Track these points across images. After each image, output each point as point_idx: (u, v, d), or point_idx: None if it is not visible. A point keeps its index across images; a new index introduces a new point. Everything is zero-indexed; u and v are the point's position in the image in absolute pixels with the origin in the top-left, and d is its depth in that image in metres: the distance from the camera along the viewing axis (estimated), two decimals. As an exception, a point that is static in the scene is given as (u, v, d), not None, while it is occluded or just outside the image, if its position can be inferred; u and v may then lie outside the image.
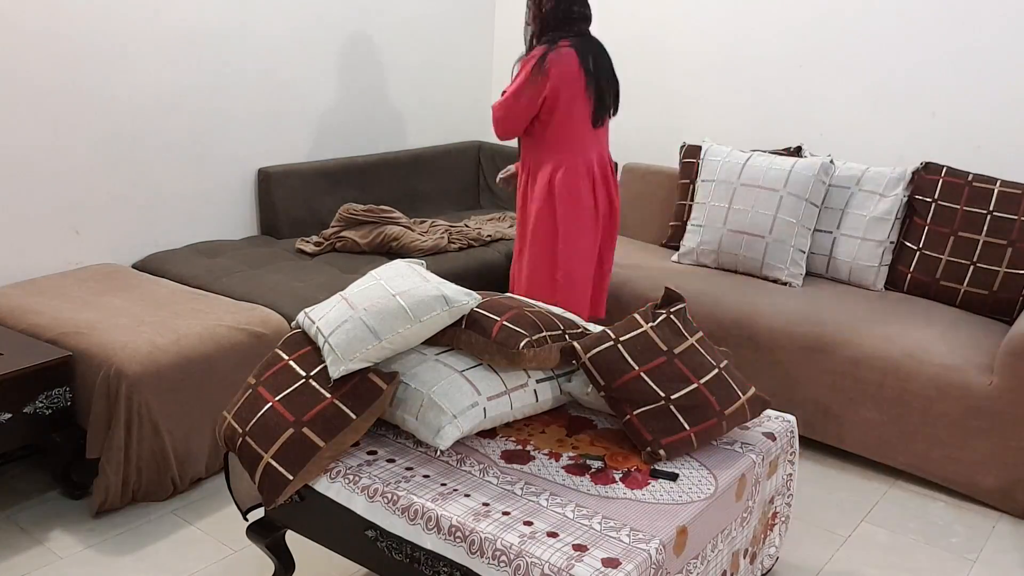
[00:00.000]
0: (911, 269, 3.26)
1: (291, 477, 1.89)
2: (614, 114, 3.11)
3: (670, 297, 2.18)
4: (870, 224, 3.30)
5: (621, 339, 2.07)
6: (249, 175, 3.75)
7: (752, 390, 2.11)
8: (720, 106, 4.06)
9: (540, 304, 2.28)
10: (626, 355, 2.04)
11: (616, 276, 3.39)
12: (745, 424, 2.16)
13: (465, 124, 4.76)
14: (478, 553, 1.68)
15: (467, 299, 2.06)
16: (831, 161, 3.37)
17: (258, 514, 2.16)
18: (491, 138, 4.79)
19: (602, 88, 2.98)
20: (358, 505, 1.86)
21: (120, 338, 2.53)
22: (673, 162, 3.94)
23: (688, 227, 3.62)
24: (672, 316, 2.12)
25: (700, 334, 2.14)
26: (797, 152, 3.58)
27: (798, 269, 3.36)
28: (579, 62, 2.90)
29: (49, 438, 2.53)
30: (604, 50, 3.03)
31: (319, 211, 3.88)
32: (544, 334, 2.08)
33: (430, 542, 1.75)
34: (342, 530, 1.92)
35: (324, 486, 1.92)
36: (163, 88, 3.34)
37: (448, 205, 4.39)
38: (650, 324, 2.09)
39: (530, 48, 3.01)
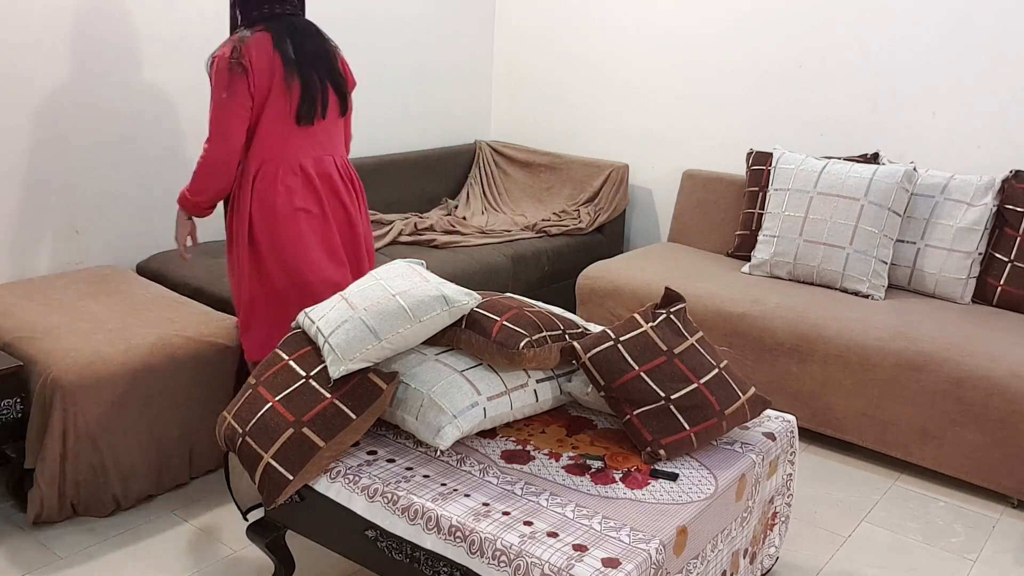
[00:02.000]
0: (1002, 282, 3.16)
1: (291, 477, 1.89)
2: (344, 112, 2.60)
3: (670, 297, 2.18)
4: (957, 235, 3.18)
5: (621, 339, 2.07)
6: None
7: (752, 390, 2.11)
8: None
9: (540, 304, 2.28)
10: (626, 355, 2.04)
11: (688, 289, 3.23)
12: (745, 424, 2.16)
13: (470, 126, 4.75)
14: (478, 553, 1.68)
15: (467, 299, 2.06)
16: (914, 168, 3.25)
17: (258, 514, 2.16)
18: (495, 140, 4.79)
19: (311, 78, 2.47)
20: (358, 505, 1.86)
21: (65, 345, 2.40)
22: (732, 168, 3.87)
23: (760, 237, 3.49)
24: (672, 316, 2.12)
25: (700, 334, 2.14)
26: (874, 159, 3.45)
27: (880, 281, 3.24)
28: (272, 46, 2.41)
29: (0, 451, 2.41)
30: (317, 33, 2.55)
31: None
32: (544, 334, 2.08)
33: (430, 542, 1.75)
34: (342, 530, 1.92)
35: (324, 486, 1.92)
36: (169, 88, 3.34)
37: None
38: (650, 324, 2.10)
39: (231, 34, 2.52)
